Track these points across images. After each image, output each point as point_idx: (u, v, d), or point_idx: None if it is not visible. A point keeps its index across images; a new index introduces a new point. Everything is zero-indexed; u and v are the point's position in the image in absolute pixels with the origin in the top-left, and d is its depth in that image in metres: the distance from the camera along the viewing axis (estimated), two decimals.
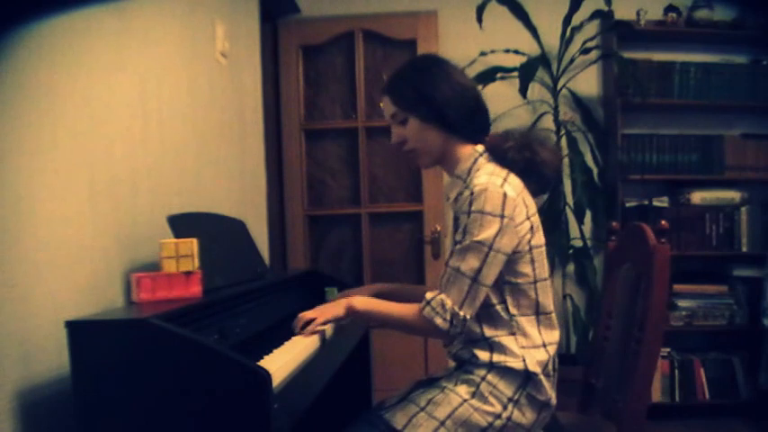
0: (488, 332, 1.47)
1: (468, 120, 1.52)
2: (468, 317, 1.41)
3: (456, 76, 1.54)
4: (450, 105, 1.51)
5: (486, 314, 1.47)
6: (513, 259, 1.45)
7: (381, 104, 1.61)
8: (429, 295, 1.43)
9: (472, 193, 1.41)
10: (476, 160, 1.53)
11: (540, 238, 1.50)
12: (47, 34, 1.37)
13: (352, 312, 1.53)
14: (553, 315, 1.53)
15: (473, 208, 1.41)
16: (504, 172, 1.47)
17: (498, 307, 1.47)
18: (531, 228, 1.47)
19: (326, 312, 1.55)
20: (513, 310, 1.47)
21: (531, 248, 1.47)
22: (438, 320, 1.40)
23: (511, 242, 1.43)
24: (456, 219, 1.51)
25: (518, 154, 1.50)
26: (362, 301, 1.55)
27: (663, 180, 3.46)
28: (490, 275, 1.42)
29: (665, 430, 3.16)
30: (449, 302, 1.40)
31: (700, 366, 3.34)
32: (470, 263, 1.40)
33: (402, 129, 1.56)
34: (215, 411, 1.20)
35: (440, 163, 1.59)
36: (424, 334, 1.52)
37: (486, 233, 1.39)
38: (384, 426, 1.46)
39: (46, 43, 1.37)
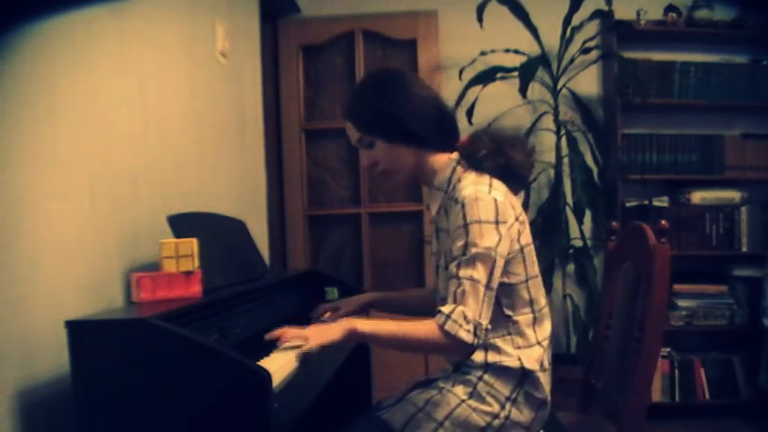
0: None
1: (434, 130, 1.50)
2: (488, 326, 1.38)
3: (414, 88, 1.50)
4: (413, 120, 1.47)
5: None
6: (507, 260, 1.45)
7: (346, 129, 1.56)
8: (446, 309, 1.36)
9: (463, 206, 1.40)
10: (454, 169, 1.51)
11: (527, 237, 1.49)
12: (47, 34, 1.37)
13: (354, 337, 1.41)
14: (546, 309, 1.52)
15: (468, 219, 1.39)
16: (486, 178, 1.46)
17: (494, 309, 1.46)
18: (520, 228, 1.47)
19: (321, 335, 1.39)
20: (508, 311, 1.47)
21: (522, 248, 1.47)
22: (462, 333, 1.33)
23: (506, 246, 1.42)
24: (438, 230, 1.49)
25: (492, 161, 1.48)
26: (367, 324, 1.43)
27: (663, 180, 3.46)
28: (497, 279, 1.41)
29: (665, 430, 3.16)
30: (470, 313, 1.35)
31: (700, 366, 3.34)
32: (482, 271, 1.37)
33: (370, 152, 1.53)
34: (215, 411, 1.20)
35: (415, 178, 1.56)
36: (443, 350, 1.43)
37: (489, 240, 1.38)
38: (383, 426, 1.46)
39: (46, 43, 1.37)
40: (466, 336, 1.34)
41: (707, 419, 3.30)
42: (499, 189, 1.45)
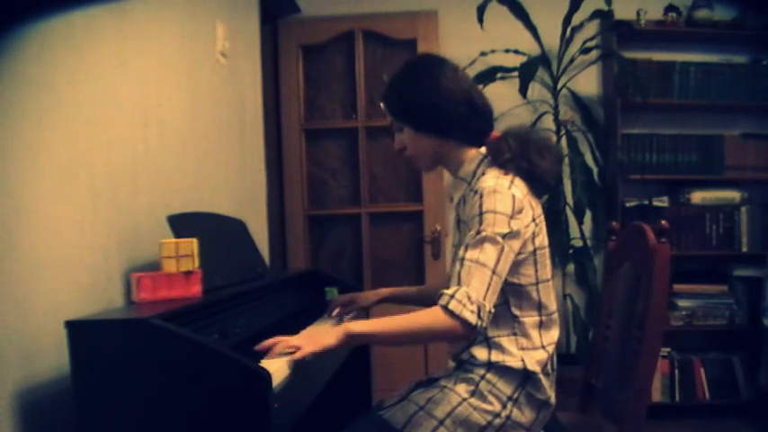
0: (490, 332, 1.47)
1: (460, 125, 1.51)
2: (492, 310, 1.36)
3: (445, 81, 1.50)
4: (439, 113, 1.49)
5: None
6: (517, 260, 1.44)
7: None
8: (450, 290, 1.35)
9: (481, 196, 1.41)
10: (480, 163, 1.52)
11: (543, 240, 1.49)
12: (47, 34, 1.37)
13: (349, 339, 1.38)
14: (555, 315, 1.53)
15: (485, 208, 1.39)
16: (509, 175, 1.47)
17: (501, 307, 1.46)
18: (535, 230, 1.47)
19: (314, 341, 1.37)
20: (515, 311, 1.47)
21: (535, 250, 1.47)
22: (467, 314, 1.31)
23: (518, 242, 1.42)
24: (458, 221, 1.51)
25: (515, 165, 1.48)
26: (361, 325, 1.43)
27: (663, 180, 3.46)
28: (505, 269, 1.40)
29: (665, 430, 3.16)
30: (474, 294, 1.33)
31: (700, 366, 3.34)
32: (489, 254, 1.36)
33: (401, 135, 1.57)
34: (215, 411, 1.20)
35: (441, 164, 1.59)
36: (445, 335, 1.40)
37: (501, 229, 1.38)
38: (383, 425, 1.46)
39: (46, 43, 1.37)
40: (470, 316, 1.32)
41: (707, 419, 3.30)
42: (520, 187, 1.45)
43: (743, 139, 3.45)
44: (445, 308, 1.33)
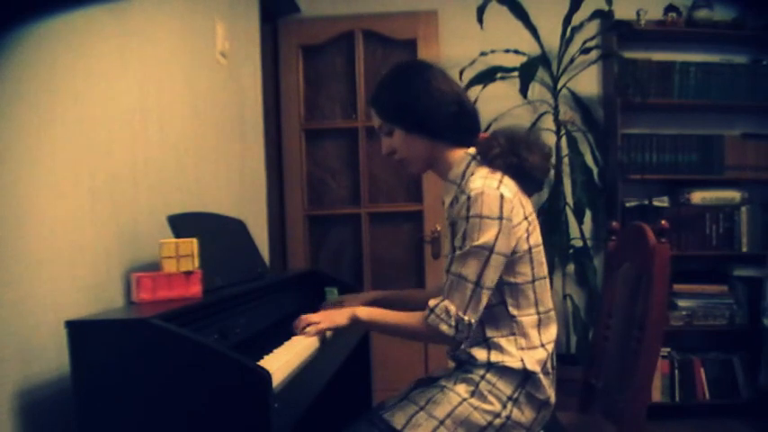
0: (489, 332, 1.48)
1: (451, 126, 1.52)
2: (473, 321, 1.42)
3: (436, 82, 1.52)
4: (432, 114, 1.50)
5: (487, 314, 1.47)
6: (512, 260, 1.45)
7: (372, 115, 1.62)
8: (432, 303, 1.44)
9: (469, 198, 1.41)
10: (468, 164, 1.53)
11: (537, 238, 1.50)
12: (47, 34, 1.37)
13: (356, 322, 1.54)
14: (552, 312, 1.53)
15: (471, 213, 1.41)
16: (498, 174, 1.47)
17: (498, 307, 1.47)
18: (529, 228, 1.47)
19: (330, 318, 1.56)
20: (513, 311, 1.47)
21: (530, 248, 1.47)
22: (443, 327, 1.41)
23: (509, 243, 1.43)
24: (452, 224, 1.51)
25: (504, 161, 1.49)
26: (366, 311, 1.55)
27: (663, 180, 3.46)
28: (491, 278, 1.42)
29: (665, 430, 3.16)
30: (452, 308, 1.41)
31: (700, 366, 3.34)
32: (472, 268, 1.41)
33: (390, 139, 1.57)
34: (215, 411, 1.20)
35: (432, 168, 1.59)
36: (429, 341, 1.54)
37: (486, 237, 1.40)
38: (384, 425, 1.46)
39: (46, 43, 1.37)
40: (447, 329, 1.41)
41: (707, 419, 3.30)
42: (509, 186, 1.46)
43: (743, 139, 3.45)
44: (425, 320, 1.44)
